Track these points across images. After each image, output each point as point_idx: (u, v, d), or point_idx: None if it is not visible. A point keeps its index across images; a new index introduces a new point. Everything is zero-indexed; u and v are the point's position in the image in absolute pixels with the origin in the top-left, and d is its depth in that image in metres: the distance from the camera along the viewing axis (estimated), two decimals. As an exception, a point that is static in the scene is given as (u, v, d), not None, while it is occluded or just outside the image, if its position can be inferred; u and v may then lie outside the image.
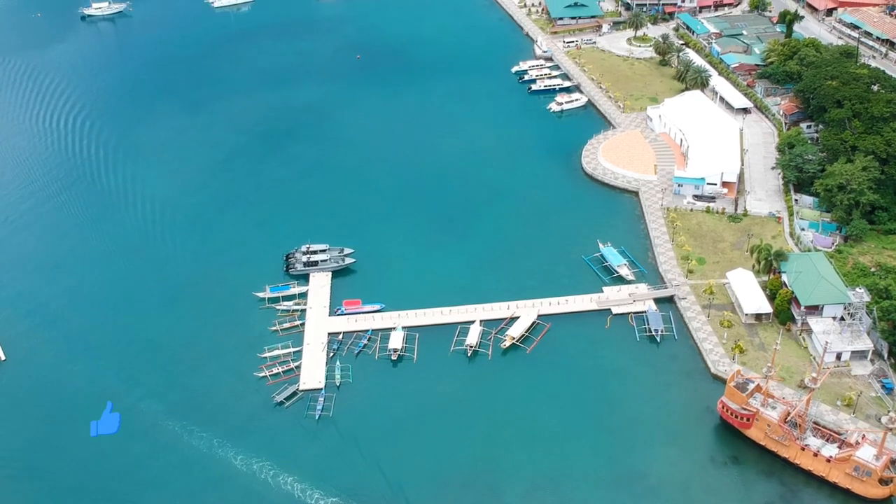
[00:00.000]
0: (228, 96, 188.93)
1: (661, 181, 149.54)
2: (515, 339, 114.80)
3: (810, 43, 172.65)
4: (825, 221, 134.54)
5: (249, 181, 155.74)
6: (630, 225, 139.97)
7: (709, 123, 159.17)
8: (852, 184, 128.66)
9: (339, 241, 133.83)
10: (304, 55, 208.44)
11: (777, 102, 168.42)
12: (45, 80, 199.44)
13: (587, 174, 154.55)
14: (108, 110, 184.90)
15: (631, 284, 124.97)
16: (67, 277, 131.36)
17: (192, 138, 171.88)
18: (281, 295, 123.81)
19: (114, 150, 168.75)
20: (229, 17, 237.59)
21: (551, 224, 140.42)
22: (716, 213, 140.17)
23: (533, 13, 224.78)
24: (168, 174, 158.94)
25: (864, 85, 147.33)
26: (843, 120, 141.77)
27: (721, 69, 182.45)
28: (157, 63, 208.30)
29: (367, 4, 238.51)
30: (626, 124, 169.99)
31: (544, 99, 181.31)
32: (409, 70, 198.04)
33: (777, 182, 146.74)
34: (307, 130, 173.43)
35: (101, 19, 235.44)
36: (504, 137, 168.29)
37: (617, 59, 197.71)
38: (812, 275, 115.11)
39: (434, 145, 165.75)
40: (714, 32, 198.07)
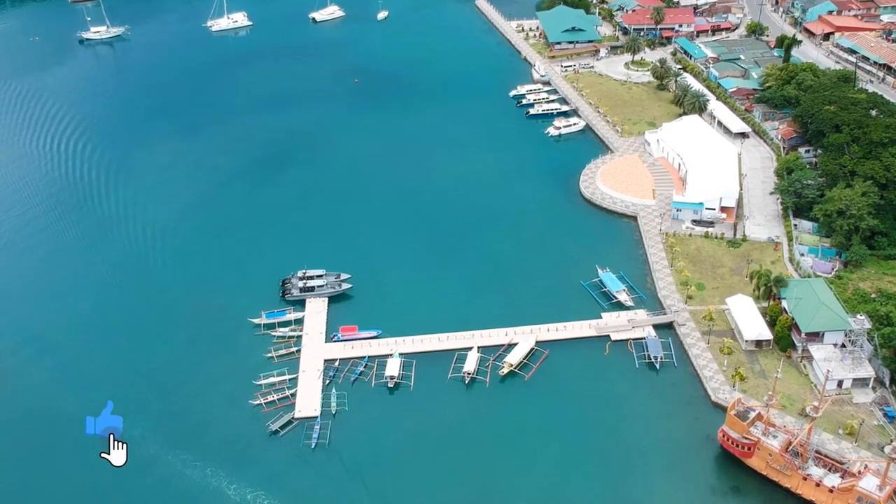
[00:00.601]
0: (226, 120, 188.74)
1: (659, 206, 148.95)
2: (514, 366, 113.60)
3: (808, 67, 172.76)
4: (825, 247, 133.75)
5: (246, 205, 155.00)
6: (629, 250, 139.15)
7: (707, 148, 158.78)
8: (852, 209, 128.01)
9: (335, 266, 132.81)
10: (301, 79, 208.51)
11: (775, 127, 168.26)
12: (43, 104, 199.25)
13: (585, 199, 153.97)
14: (106, 134, 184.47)
15: (630, 310, 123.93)
16: (62, 304, 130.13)
17: (189, 162, 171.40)
18: (277, 321, 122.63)
19: (111, 175, 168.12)
20: (227, 40, 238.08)
21: (550, 249, 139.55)
22: (715, 238, 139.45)
23: (531, 38, 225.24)
24: (165, 198, 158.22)
25: (862, 110, 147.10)
26: (842, 145, 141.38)
27: (719, 93, 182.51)
28: (154, 87, 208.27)
29: (365, 28, 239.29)
30: (624, 149, 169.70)
31: (542, 123, 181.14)
32: (407, 94, 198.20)
33: (776, 207, 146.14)
34: (305, 154, 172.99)
35: (100, 43, 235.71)
36: (502, 161, 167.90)
37: (615, 83, 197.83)
38: (812, 301, 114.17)
39: (432, 169, 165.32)
40: (712, 57, 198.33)
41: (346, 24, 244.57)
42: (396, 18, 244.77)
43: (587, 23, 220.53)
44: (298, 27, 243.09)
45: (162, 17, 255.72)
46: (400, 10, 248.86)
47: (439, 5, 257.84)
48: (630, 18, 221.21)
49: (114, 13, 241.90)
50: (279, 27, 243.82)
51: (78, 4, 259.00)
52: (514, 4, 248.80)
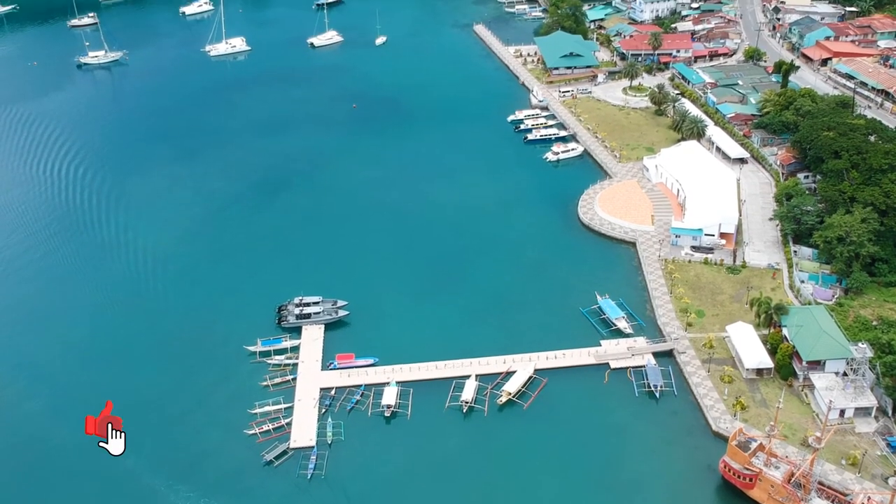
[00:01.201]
0: (224, 145, 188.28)
1: (658, 232, 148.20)
2: (512, 395, 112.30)
3: (806, 93, 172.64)
4: (825, 273, 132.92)
5: (243, 231, 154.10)
6: (628, 276, 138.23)
7: (706, 174, 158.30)
8: (852, 236, 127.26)
9: (332, 292, 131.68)
10: (299, 104, 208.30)
11: (774, 153, 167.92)
12: (40, 129, 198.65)
13: (584, 224, 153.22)
14: (104, 159, 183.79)
15: (629, 338, 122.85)
16: (58, 331, 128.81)
17: (186, 187, 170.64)
18: (272, 349, 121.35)
19: (108, 200, 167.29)
20: (225, 65, 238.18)
21: (548, 275, 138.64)
22: (714, 264, 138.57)
23: (529, 63, 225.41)
24: (161, 224, 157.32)
25: (861, 135, 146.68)
26: (841, 171, 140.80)
27: (717, 119, 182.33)
28: (152, 111, 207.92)
29: (364, 54, 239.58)
30: (622, 174, 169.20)
31: (540, 148, 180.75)
32: (405, 119, 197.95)
33: (775, 233, 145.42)
34: (302, 179, 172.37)
35: (98, 67, 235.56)
36: (500, 187, 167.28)
37: (613, 108, 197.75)
38: (813, 329, 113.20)
39: (429, 195, 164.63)
40: (709, 82, 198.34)
41: (344, 50, 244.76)
42: (394, 44, 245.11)
43: (585, 48, 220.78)
44: (297, 52, 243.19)
45: (160, 42, 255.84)
46: (398, 35, 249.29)
47: (437, 31, 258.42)
48: (628, 44, 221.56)
49: (112, 38, 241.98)
50: (278, 52, 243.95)
51: (77, 29, 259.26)
52: (513, 30, 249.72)
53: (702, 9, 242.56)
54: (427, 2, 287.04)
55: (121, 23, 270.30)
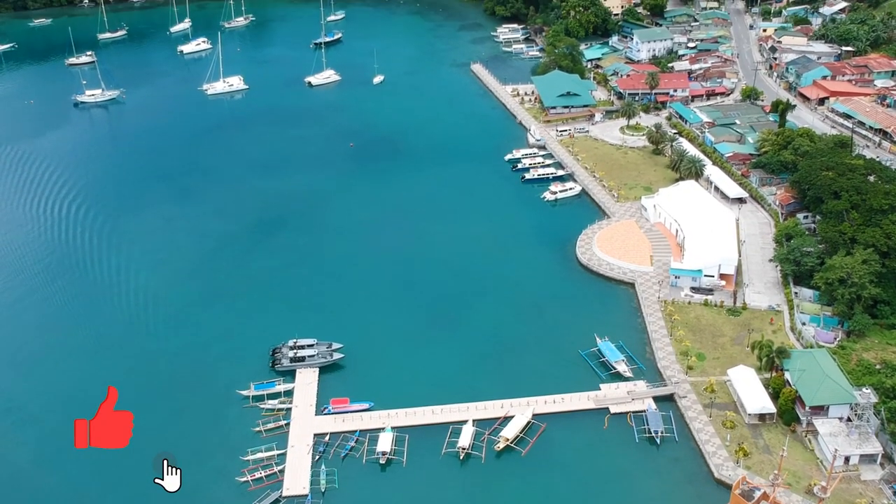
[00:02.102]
0: (219, 184, 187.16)
1: (657, 273, 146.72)
2: (510, 441, 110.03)
3: (804, 133, 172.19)
4: (826, 315, 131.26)
5: (237, 272, 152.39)
6: (627, 318, 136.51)
7: (704, 214, 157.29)
8: (853, 277, 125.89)
9: (327, 335, 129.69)
10: (296, 142, 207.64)
11: (773, 192, 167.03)
12: (34, 168, 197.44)
13: (582, 265, 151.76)
14: (98, 198, 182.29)
15: (629, 381, 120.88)
16: (45, 374, 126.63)
17: (180, 227, 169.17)
18: (266, 393, 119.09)
19: (101, 240, 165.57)
20: (222, 104, 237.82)
21: (546, 317, 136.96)
22: (714, 306, 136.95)
23: (526, 102, 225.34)
24: (155, 264, 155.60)
25: (860, 176, 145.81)
26: (841, 211, 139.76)
27: (715, 158, 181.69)
28: (148, 150, 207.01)
29: (361, 93, 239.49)
30: (620, 214, 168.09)
31: (538, 188, 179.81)
32: (402, 158, 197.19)
33: (775, 274, 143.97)
34: (298, 219, 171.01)
35: (94, 106, 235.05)
36: (498, 227, 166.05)
37: (610, 147, 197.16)
38: (816, 373, 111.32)
39: (426, 235, 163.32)
40: (707, 121, 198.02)
41: (341, 89, 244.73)
42: (392, 83, 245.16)
43: (582, 87, 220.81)
44: (294, 91, 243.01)
45: (157, 80, 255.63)
46: (395, 74, 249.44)
47: (435, 70, 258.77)
48: (625, 83, 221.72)
49: (109, 76, 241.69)
50: (275, 91, 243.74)
51: (74, 67, 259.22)
52: (510, 69, 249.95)
53: (698, 48, 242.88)
54: (425, 41, 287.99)
55: (119, 61, 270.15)
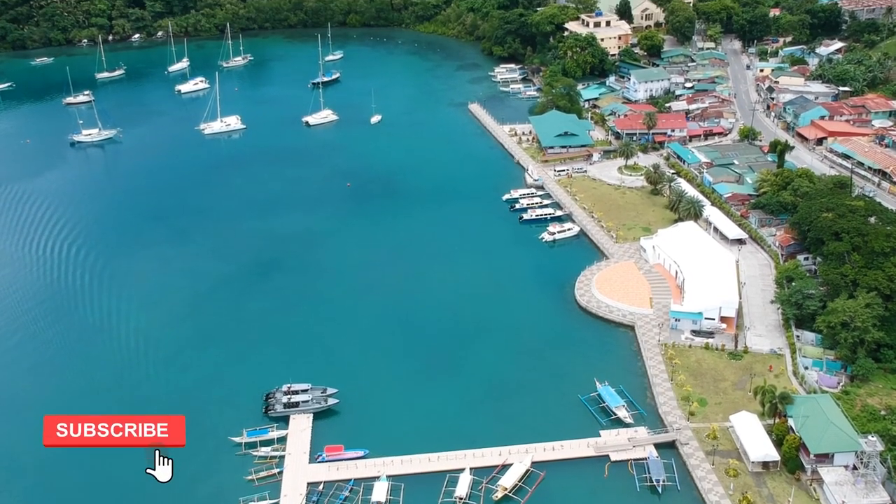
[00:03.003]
0: (215, 224, 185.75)
1: (657, 315, 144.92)
2: (508, 490, 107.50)
3: (803, 173, 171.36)
4: (829, 359, 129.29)
5: (232, 314, 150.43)
6: (627, 362, 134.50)
7: (704, 255, 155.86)
8: (856, 321, 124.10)
9: (322, 379, 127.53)
10: (293, 183, 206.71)
11: (772, 233, 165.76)
12: (29, 208, 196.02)
13: (581, 307, 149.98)
14: (92, 239, 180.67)
15: (630, 428, 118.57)
16: (34, 421, 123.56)
17: (175, 268, 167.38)
18: (259, 440, 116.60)
19: (95, 281, 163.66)
20: (219, 143, 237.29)
21: (545, 360, 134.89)
22: (715, 349, 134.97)
23: (523, 142, 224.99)
24: (148, 306, 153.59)
25: (861, 217, 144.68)
26: (843, 253, 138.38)
27: (714, 199, 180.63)
28: (144, 190, 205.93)
29: (359, 132, 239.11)
30: (619, 255, 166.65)
31: (536, 228, 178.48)
32: (399, 197, 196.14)
33: (777, 317, 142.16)
34: (294, 260, 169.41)
35: (91, 145, 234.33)
36: (495, 268, 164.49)
37: (608, 187, 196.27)
38: (820, 420, 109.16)
39: (423, 276, 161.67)
40: (705, 162, 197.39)
41: (339, 128, 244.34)
42: (390, 122, 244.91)
43: (579, 127, 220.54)
44: (292, 131, 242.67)
45: (155, 120, 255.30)
46: (393, 114, 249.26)
47: (433, 109, 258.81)
48: (622, 123, 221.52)
49: (106, 115, 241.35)
50: (272, 130, 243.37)
51: (72, 106, 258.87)
52: (507, 109, 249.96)
53: (696, 88, 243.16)
54: (423, 81, 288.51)
55: (116, 100, 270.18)
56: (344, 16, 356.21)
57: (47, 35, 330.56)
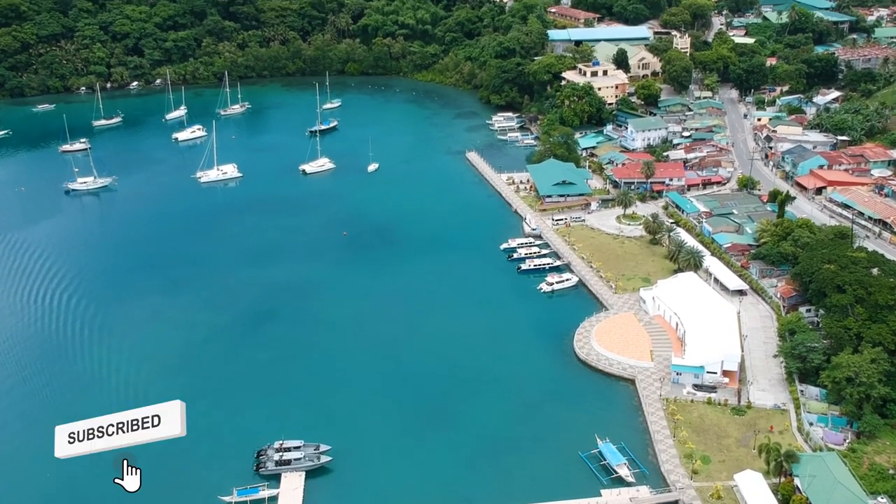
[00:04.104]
0: (210, 274, 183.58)
1: (658, 368, 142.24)
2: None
3: (804, 224, 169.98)
4: (834, 415, 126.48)
5: (224, 366, 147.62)
6: (628, 417, 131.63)
7: (705, 307, 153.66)
8: (861, 377, 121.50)
9: (315, 435, 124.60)
10: (289, 231, 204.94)
11: (773, 284, 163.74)
12: (22, 257, 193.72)
13: (580, 360, 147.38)
14: (84, 289, 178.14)
15: (632, 487, 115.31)
16: (21, 476, 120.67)
17: (168, 319, 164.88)
18: (249, 499, 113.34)
19: (87, 332, 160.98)
20: (216, 192, 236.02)
21: (544, 415, 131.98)
22: (718, 404, 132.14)
23: (521, 190, 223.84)
24: (140, 358, 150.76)
25: (863, 269, 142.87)
26: (846, 306, 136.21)
27: (713, 249, 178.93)
28: (138, 239, 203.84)
29: (355, 180, 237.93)
30: (618, 306, 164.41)
31: (534, 278, 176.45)
32: (396, 247, 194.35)
33: (780, 370, 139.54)
34: (288, 310, 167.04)
35: (86, 193, 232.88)
36: (493, 319, 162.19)
37: (607, 237, 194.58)
38: (827, 479, 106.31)
39: (419, 327, 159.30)
40: (704, 211, 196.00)
41: (336, 177, 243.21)
42: (387, 171, 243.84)
43: (577, 176, 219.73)
44: (288, 179, 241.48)
45: (151, 168, 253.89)
46: (391, 162, 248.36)
47: (430, 157, 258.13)
48: (620, 172, 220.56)
49: (102, 163, 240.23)
50: (269, 179, 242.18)
51: (68, 154, 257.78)
52: (505, 157, 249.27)
53: (693, 137, 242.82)
54: (420, 129, 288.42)
55: (113, 148, 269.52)
56: (342, 64, 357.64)
57: (45, 83, 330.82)
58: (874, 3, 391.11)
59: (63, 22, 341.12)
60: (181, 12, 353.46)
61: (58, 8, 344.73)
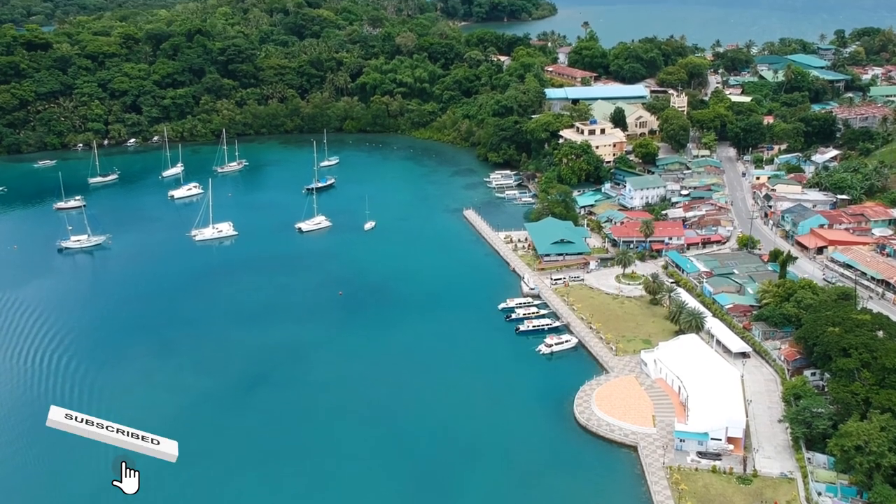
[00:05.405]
0: (202, 335, 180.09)
1: (660, 434, 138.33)
2: None
3: (806, 284, 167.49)
4: (843, 485, 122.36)
5: (212, 433, 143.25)
6: (630, 487, 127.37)
7: (707, 370, 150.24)
8: (871, 445, 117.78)
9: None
10: (283, 291, 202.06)
11: (777, 346, 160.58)
12: (12, 318, 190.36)
13: (581, 425, 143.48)
14: (75, 350, 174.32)
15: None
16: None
17: (157, 382, 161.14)
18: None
19: (73, 396, 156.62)
20: (211, 250, 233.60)
21: (544, 486, 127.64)
22: (723, 473, 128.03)
23: (519, 249, 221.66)
24: (128, 425, 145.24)
25: (868, 332, 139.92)
26: (852, 370, 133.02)
27: (715, 310, 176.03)
28: (131, 298, 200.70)
29: (352, 239, 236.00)
30: (619, 368, 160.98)
31: (533, 340, 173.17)
32: (392, 307, 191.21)
33: (785, 436, 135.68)
34: (280, 374, 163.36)
35: (79, 251, 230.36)
36: (491, 383, 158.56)
37: (606, 297, 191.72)
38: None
39: (415, 391, 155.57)
40: (704, 271, 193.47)
41: (332, 235, 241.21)
42: (383, 229, 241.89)
43: (576, 234, 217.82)
44: (284, 237, 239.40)
45: (146, 225, 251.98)
46: (387, 220, 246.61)
47: (427, 215, 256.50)
48: (619, 231, 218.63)
49: (97, 221, 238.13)
50: (265, 237, 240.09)
51: (62, 211, 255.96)
52: (503, 215, 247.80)
53: (692, 196, 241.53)
54: (417, 186, 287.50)
55: (108, 205, 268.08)
56: (340, 121, 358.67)
57: (43, 139, 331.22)
58: (868, 62, 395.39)
59: (62, 79, 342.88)
60: (180, 70, 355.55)
61: (57, 66, 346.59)
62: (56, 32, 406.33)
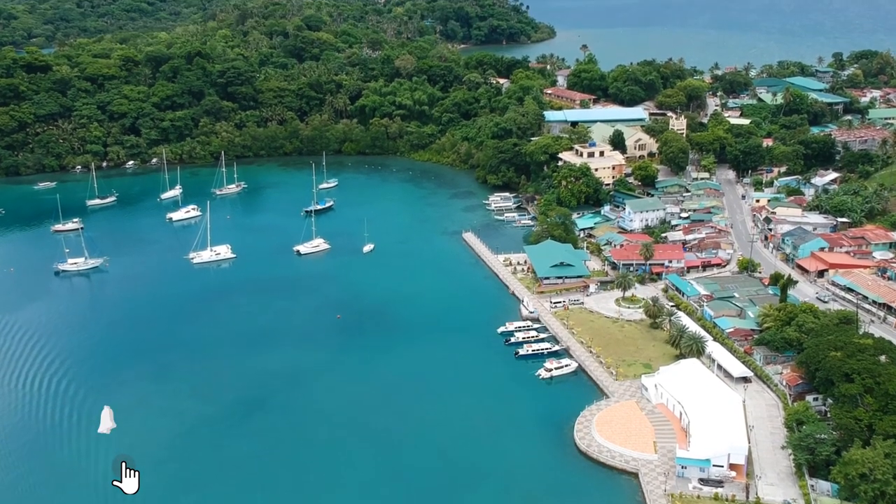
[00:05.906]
0: (198, 359, 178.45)
1: (661, 461, 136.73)
2: None
3: (807, 308, 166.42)
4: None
5: (210, 458, 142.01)
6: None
7: (709, 395, 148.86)
8: (875, 473, 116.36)
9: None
10: (281, 315, 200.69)
11: (778, 371, 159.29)
12: (9, 342, 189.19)
13: (581, 451, 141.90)
14: (72, 374, 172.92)
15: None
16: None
17: (153, 407, 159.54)
18: None
19: (68, 422, 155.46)
20: (209, 273, 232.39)
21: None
22: (725, 500, 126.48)
23: (518, 272, 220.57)
24: (124, 450, 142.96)
25: (870, 357, 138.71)
26: (855, 396, 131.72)
27: (715, 333, 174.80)
28: (128, 322, 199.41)
29: (350, 262, 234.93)
30: (620, 393, 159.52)
31: (532, 364, 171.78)
32: (390, 331, 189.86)
33: (788, 463, 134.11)
34: (278, 399, 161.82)
35: (76, 274, 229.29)
36: (491, 408, 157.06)
37: (606, 320, 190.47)
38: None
39: (413, 417, 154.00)
40: (705, 294, 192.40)
41: (330, 258, 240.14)
42: (382, 251, 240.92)
43: (575, 257, 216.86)
44: (282, 260, 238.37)
45: (143, 248, 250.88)
46: (386, 243, 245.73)
47: (426, 238, 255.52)
48: (619, 254, 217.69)
49: (94, 244, 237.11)
50: (263, 260, 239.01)
51: (60, 234, 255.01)
52: (502, 237, 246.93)
53: (691, 218, 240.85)
54: (416, 209, 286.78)
55: (106, 228, 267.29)
56: (339, 144, 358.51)
57: (41, 161, 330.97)
58: (867, 84, 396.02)
59: (61, 101, 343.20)
60: (179, 92, 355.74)
61: (56, 88, 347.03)
62: (56, 55, 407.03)
